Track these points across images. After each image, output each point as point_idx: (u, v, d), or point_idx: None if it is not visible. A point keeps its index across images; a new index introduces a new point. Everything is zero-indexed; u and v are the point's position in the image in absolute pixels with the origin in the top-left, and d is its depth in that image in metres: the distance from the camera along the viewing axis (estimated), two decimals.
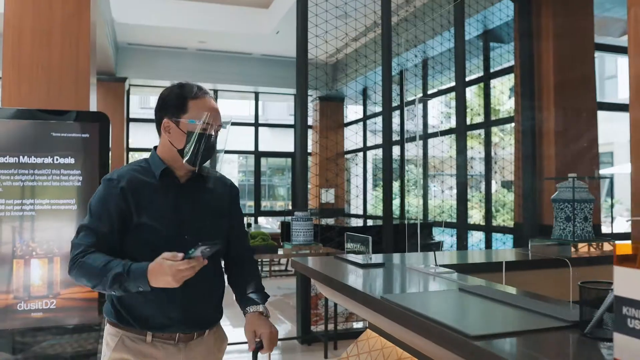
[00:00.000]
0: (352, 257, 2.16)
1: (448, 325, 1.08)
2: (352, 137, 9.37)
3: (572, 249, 2.50)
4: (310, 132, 9.66)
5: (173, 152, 1.57)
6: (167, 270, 1.33)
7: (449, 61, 6.26)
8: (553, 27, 5.07)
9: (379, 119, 6.92)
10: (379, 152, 7.90)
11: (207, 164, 1.63)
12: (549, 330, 1.06)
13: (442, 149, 6.74)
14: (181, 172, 1.60)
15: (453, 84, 6.84)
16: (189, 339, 1.57)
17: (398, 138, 7.22)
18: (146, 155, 1.66)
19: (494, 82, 7.22)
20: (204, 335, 1.60)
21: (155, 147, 1.65)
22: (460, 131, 5.08)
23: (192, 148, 1.53)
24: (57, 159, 3.44)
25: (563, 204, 2.46)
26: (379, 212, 7.80)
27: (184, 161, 1.54)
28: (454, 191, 6.20)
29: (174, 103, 1.56)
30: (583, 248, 2.51)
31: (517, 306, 1.25)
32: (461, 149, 5.11)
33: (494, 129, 8.87)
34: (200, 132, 1.53)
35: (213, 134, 1.57)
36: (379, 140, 8.43)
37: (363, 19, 5.09)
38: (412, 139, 6.88)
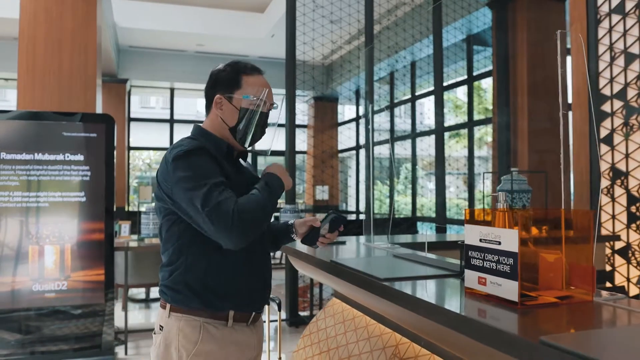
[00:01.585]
0: None
1: (367, 273, 1.48)
2: (346, 136, 9.76)
3: None
4: (305, 131, 10.06)
5: (224, 129, 1.50)
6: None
7: (427, 65, 6.64)
8: (527, 32, 5.46)
9: (375, 118, 7.30)
10: (380, 150, 8.25)
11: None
12: (439, 276, 1.46)
13: (422, 147, 7.11)
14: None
15: (453, 80, 7.26)
16: (257, 319, 1.50)
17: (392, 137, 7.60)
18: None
19: (489, 83, 7.57)
20: (261, 316, 1.55)
21: (197, 127, 1.54)
22: (439, 131, 5.47)
23: (244, 126, 1.49)
24: (67, 156, 3.84)
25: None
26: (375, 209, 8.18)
27: (237, 139, 1.50)
28: (442, 188, 6.58)
29: (227, 78, 1.51)
30: None
31: (425, 263, 1.65)
32: (440, 149, 5.50)
33: (488, 129, 9.22)
34: (254, 109, 1.49)
35: (265, 112, 1.53)
36: (375, 139, 8.80)
37: (349, 27, 5.48)
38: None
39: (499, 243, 1.12)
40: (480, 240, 1.17)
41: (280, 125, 1.82)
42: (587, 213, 1.17)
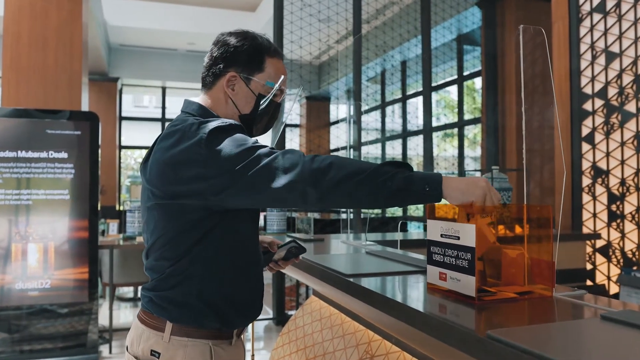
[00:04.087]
0: (298, 235, 2.57)
1: (334, 269, 1.48)
2: (335, 136, 9.76)
3: None
4: (292, 130, 10.06)
5: (233, 114, 1.30)
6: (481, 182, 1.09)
7: (416, 65, 6.65)
8: (515, 32, 5.48)
9: (363, 118, 7.31)
10: (368, 149, 8.25)
11: None
12: (406, 272, 1.46)
13: (411, 146, 7.12)
14: None
15: (442, 81, 7.28)
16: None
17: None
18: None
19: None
20: None
21: (201, 107, 1.31)
22: (427, 131, 5.48)
23: (261, 116, 1.31)
24: (51, 154, 3.82)
25: None
26: None
27: (251, 130, 1.32)
28: None
29: (247, 56, 1.28)
30: None
31: (395, 260, 1.65)
32: (428, 148, 5.51)
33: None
34: (273, 99, 1.30)
35: (279, 102, 1.34)
36: (364, 138, 8.82)
37: (337, 26, 5.48)
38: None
39: (458, 238, 1.12)
40: (441, 235, 1.17)
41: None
42: (547, 208, 1.17)
